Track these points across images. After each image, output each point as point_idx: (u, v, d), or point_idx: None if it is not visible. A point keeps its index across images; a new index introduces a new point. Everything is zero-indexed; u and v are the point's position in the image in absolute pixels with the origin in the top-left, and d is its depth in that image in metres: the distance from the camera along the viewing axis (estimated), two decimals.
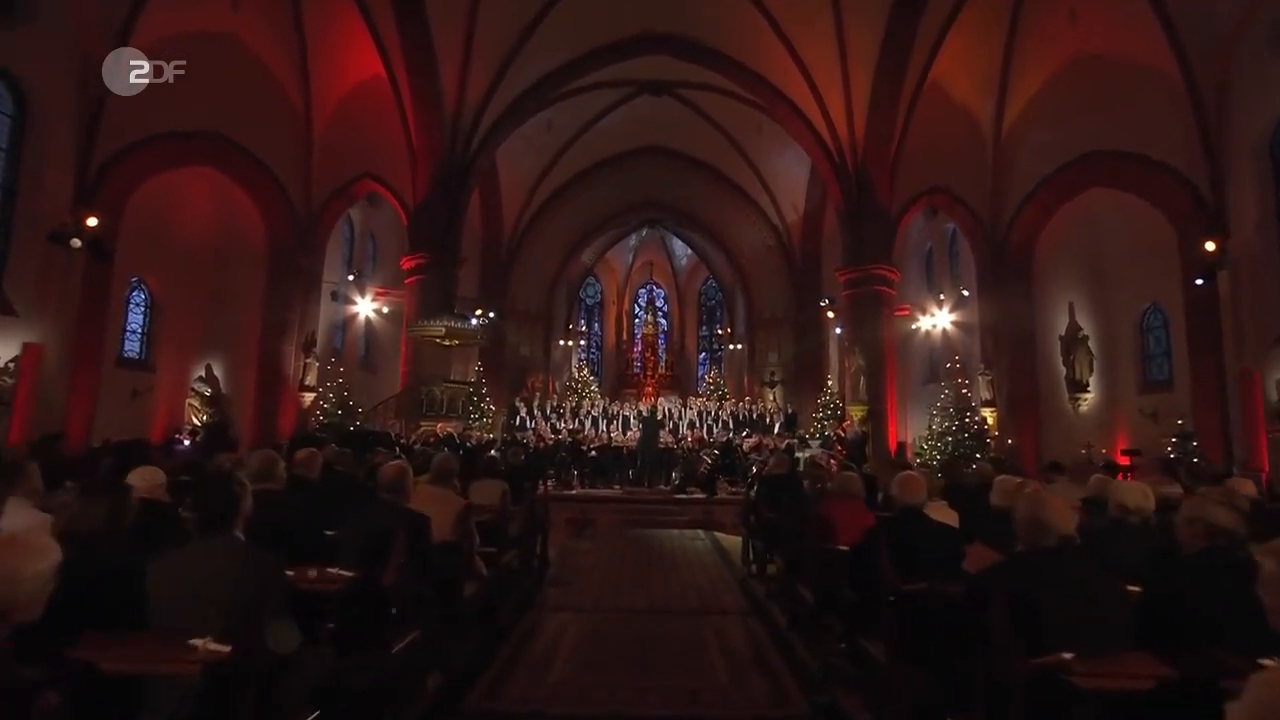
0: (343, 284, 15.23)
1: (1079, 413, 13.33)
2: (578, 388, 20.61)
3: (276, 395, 13.78)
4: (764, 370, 20.34)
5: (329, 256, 15.10)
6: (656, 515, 11.13)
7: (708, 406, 17.22)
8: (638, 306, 25.20)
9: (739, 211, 19.88)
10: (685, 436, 14.73)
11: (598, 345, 24.85)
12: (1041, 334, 13.98)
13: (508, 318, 19.30)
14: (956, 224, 15.38)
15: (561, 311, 22.53)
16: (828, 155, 14.88)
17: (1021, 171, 13.85)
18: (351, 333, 15.82)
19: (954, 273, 16.16)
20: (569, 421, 15.99)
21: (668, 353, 24.21)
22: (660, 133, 18.63)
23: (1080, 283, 13.46)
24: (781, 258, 19.72)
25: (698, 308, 25.07)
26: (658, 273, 25.14)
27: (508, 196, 18.67)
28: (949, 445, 12.73)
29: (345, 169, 14.44)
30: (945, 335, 15.65)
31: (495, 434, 14.70)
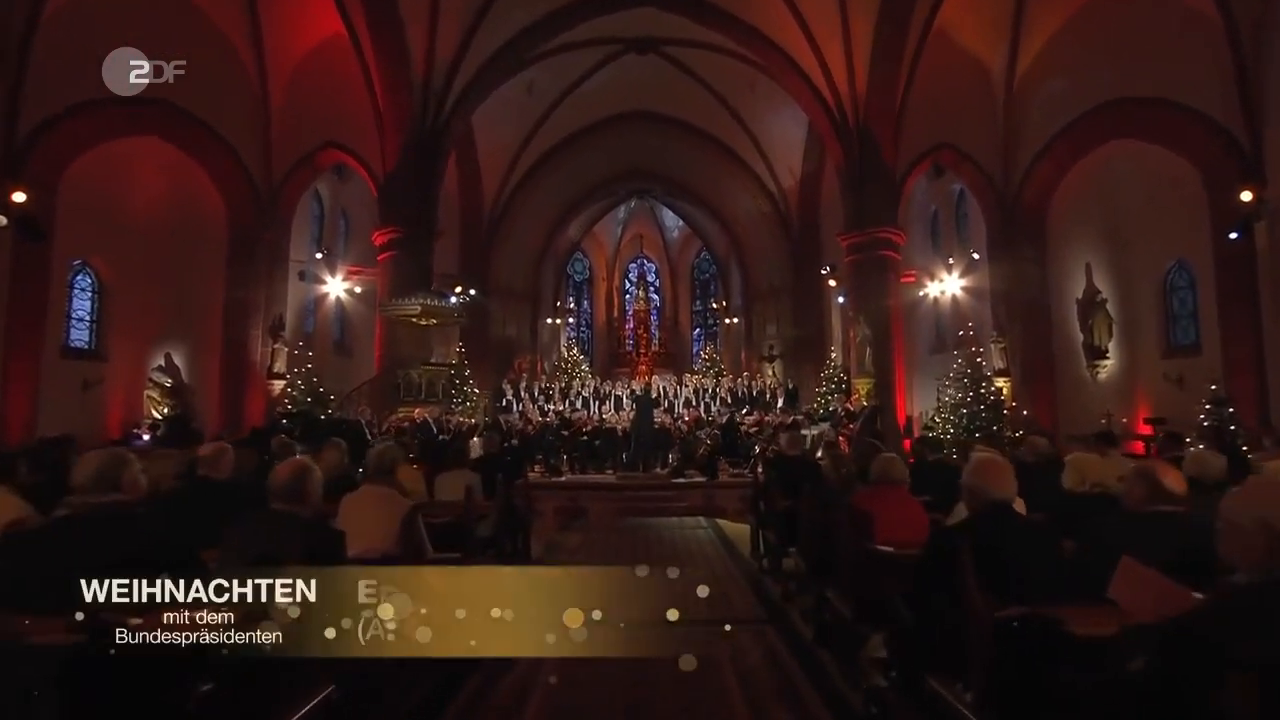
0: (311, 263, 14.37)
1: (1098, 380, 12.73)
2: (567, 368, 20.00)
3: (243, 384, 13.01)
4: (762, 344, 19.77)
5: (296, 234, 14.25)
6: (653, 502, 10.52)
7: (704, 384, 16.62)
8: (628, 282, 24.64)
9: (732, 178, 19.10)
10: (681, 416, 14.05)
11: (588, 323, 24.25)
12: (1057, 298, 13.36)
13: (491, 296, 18.52)
14: (964, 184, 14.67)
15: (549, 288, 21.80)
16: (827, 112, 14.05)
17: (1035, 125, 13.10)
18: (323, 315, 15.00)
19: (962, 236, 15.42)
20: (559, 403, 15.34)
21: (661, 329, 23.64)
22: (647, 95, 17.73)
23: (1098, 242, 12.78)
24: (778, 225, 18.99)
25: (691, 281, 24.54)
26: (648, 246, 24.49)
27: (487, 166, 17.81)
28: (963, 418, 12.09)
29: (307, 138, 13.53)
30: (955, 302, 15.00)
31: (479, 418, 13.97)
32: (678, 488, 11.11)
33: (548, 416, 13.96)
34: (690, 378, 17.37)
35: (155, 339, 12.31)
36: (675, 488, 11.13)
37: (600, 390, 15.97)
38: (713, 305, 23.45)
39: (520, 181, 18.53)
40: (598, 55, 16.18)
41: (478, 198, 18.02)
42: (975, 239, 14.72)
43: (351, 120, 13.66)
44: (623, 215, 23.36)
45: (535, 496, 10.12)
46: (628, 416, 12.74)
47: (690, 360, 22.78)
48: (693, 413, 13.05)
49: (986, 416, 11.91)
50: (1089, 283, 12.84)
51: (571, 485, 11.25)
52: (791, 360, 18.72)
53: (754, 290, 20.43)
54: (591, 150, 18.75)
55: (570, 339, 22.54)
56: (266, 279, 13.28)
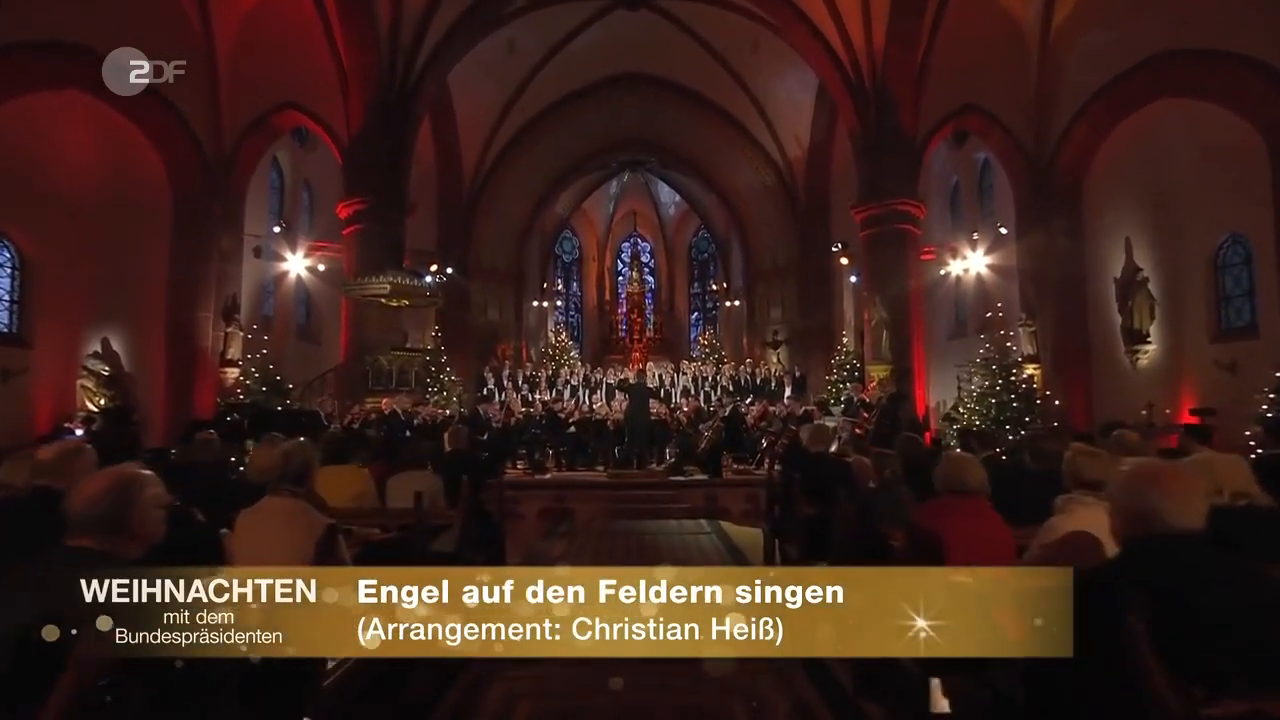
0: (269, 238, 13.48)
1: (1137, 367, 12.01)
2: (555, 354, 19.38)
3: (191, 372, 12.16)
4: (765, 329, 19.10)
5: (252, 206, 13.36)
6: (649, 503, 9.83)
7: (703, 371, 15.90)
8: (621, 262, 24.03)
9: (734, 148, 18.35)
10: (679, 406, 13.31)
11: (577, 307, 23.71)
12: (1093, 276, 12.60)
13: (472, 276, 17.86)
14: (991, 151, 13.91)
15: (535, 269, 21.06)
16: (840, 71, 13.26)
17: (1072, 84, 12.29)
18: (283, 296, 14.17)
19: (986, 210, 14.69)
20: (544, 392, 14.59)
21: (656, 313, 23.15)
22: (640, 56, 16.95)
23: (1140, 215, 12.01)
24: (784, 199, 18.29)
25: (688, 262, 23.93)
26: (642, 224, 23.88)
27: (466, 133, 17.02)
28: (990, 409, 11.39)
29: (261, 97, 12.61)
30: (980, 282, 14.29)
31: (456, 409, 13.23)
32: (676, 486, 10.44)
33: (532, 407, 13.19)
34: (688, 365, 16.69)
35: (90, 322, 11.42)
36: (673, 486, 10.45)
37: (590, 379, 15.26)
38: (712, 287, 22.95)
39: (502, 152, 17.81)
40: (585, 11, 15.43)
41: (456, 169, 17.30)
42: (1002, 213, 14.01)
43: (311, 78, 12.81)
44: (615, 190, 22.71)
45: (517, 498, 9.60)
46: (620, 407, 12.01)
47: (688, 346, 22.25)
48: (692, 403, 12.30)
49: (1018, 407, 11.21)
50: (1129, 259, 12.10)
51: (557, 484, 10.58)
52: (798, 346, 18.15)
53: (757, 271, 19.75)
54: (580, 117, 18.02)
55: (558, 323, 22.04)
56: (217, 255, 12.40)
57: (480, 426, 10.73)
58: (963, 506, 2.95)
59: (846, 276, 15.67)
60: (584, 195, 21.91)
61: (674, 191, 22.36)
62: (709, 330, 21.79)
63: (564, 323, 22.52)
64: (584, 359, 19.56)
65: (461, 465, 5.63)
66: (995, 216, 14.23)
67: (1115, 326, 12.21)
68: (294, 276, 14.15)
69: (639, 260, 23.63)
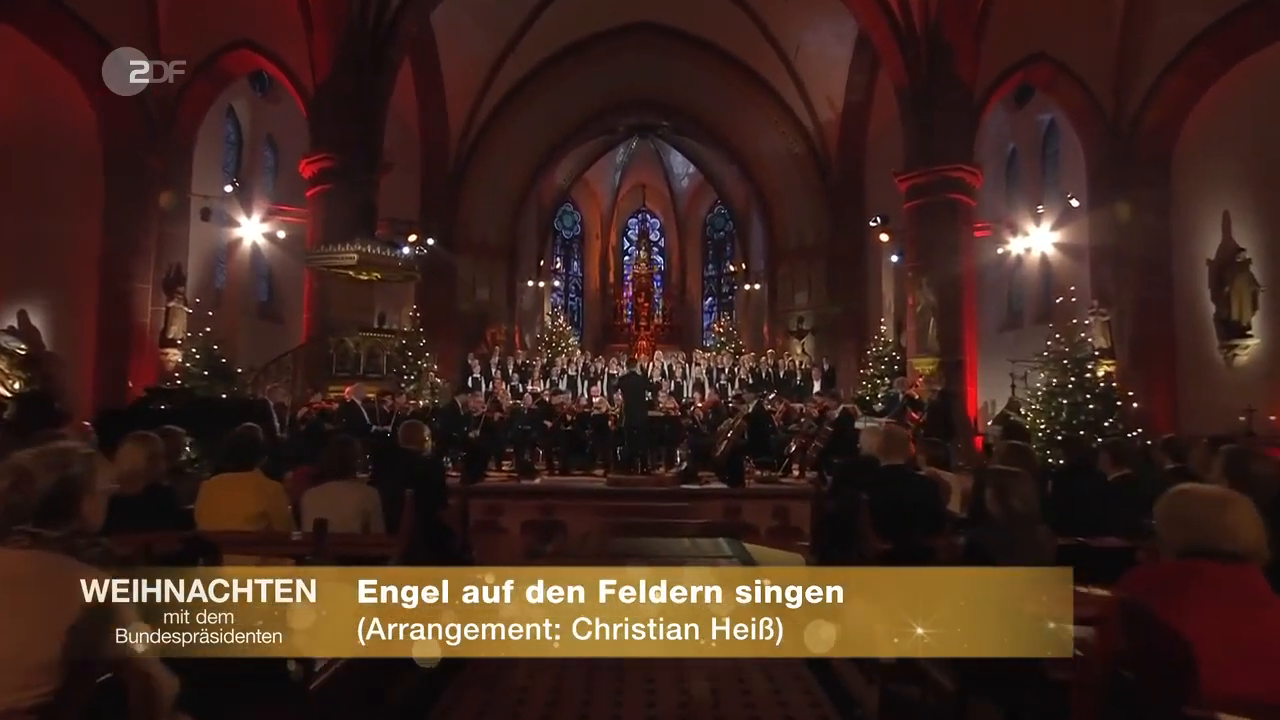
0: (222, 199, 12.36)
1: (1234, 365, 10.88)
2: (552, 341, 18.73)
3: (125, 352, 11.18)
4: (789, 317, 18.23)
5: (203, 163, 12.30)
6: (655, 516, 8.75)
7: (720, 362, 14.96)
8: (627, 240, 23.68)
9: (758, 110, 17.32)
10: (692, 402, 12.25)
11: (577, 289, 23.17)
12: (1181, 258, 11.47)
13: (460, 251, 16.90)
14: (1059, 111, 12.75)
15: (531, 245, 20.12)
16: (888, 14, 12.15)
17: (1165, 28, 11.08)
18: (238, 268, 13.09)
19: (1049, 181, 13.56)
20: (538, 383, 13.60)
21: (665, 297, 22.82)
22: (652, 3, 15.90)
23: (1242, 185, 10.84)
24: (813, 170, 17.31)
25: (702, 240, 23.47)
26: (652, 198, 23.36)
27: (454, 88, 15.95)
28: (1060, 411, 10.25)
29: (210, 34, 11.52)
30: (1043, 263, 13.13)
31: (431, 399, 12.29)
32: (689, 497, 9.31)
33: (523, 399, 12.14)
34: (702, 355, 15.77)
35: (3, 292, 10.35)
36: (686, 496, 9.32)
37: (590, 369, 14.33)
38: (729, 269, 22.27)
39: (495, 110, 16.81)
40: None
41: (441, 127, 16.30)
42: (1068, 184, 12.86)
43: (270, 13, 11.70)
44: (622, 159, 22.01)
45: (501, 507, 8.54)
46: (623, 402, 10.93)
47: (700, 335, 21.90)
48: (711, 396, 11.21)
49: (1095, 409, 10.07)
50: (1226, 237, 10.94)
51: (547, 490, 9.48)
52: (826, 336, 17.30)
53: (780, 251, 18.75)
54: (583, 73, 16.99)
55: (556, 307, 21.46)
56: (158, 218, 11.33)
57: (458, 422, 9.63)
58: (1223, 582, 1.77)
59: (886, 256, 14.59)
60: (587, 164, 21.06)
61: (688, 161, 21.64)
62: (725, 317, 21.19)
63: (562, 306, 21.90)
64: (584, 346, 18.99)
65: (410, 473, 4.52)
66: (1060, 188, 13.12)
67: (1208, 316, 11.12)
68: (250, 245, 13.06)
69: (647, 238, 23.12)
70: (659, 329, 21.53)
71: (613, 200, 22.91)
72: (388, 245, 12.09)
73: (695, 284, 23.31)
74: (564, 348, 17.98)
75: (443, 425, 9.57)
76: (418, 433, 5.08)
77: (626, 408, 10.17)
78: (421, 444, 5.07)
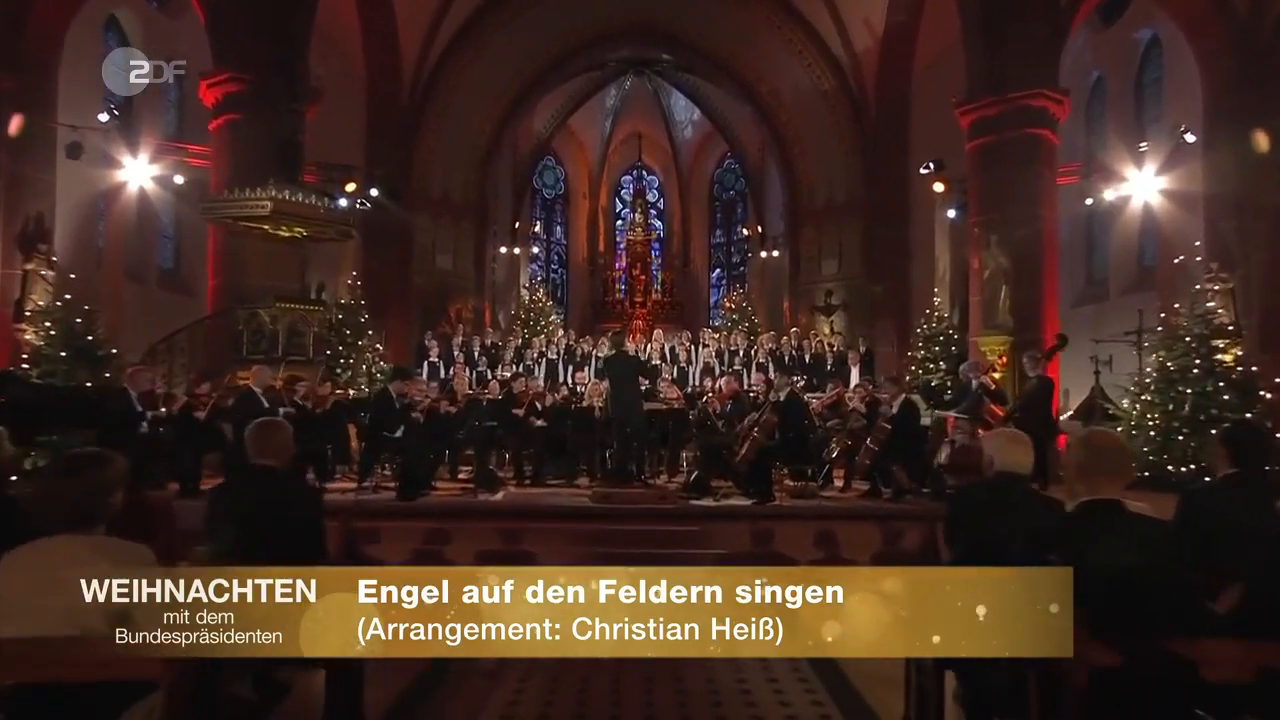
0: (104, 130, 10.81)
1: None
2: (530, 319, 17.76)
3: None
4: (815, 290, 17.30)
5: (73, 85, 10.73)
6: (656, 545, 7.22)
7: (733, 343, 13.98)
8: (620, 202, 23.46)
9: (779, 38, 16.53)
10: (702, 390, 11.09)
11: (561, 258, 22.95)
12: None
13: (416, 208, 15.83)
14: (1169, 20, 11.35)
15: (504, 205, 19.49)
16: None
17: None
18: (122, 220, 11.57)
19: (1147, 115, 12.44)
20: (509, 368, 12.58)
21: (665, 269, 22.34)
22: None
23: None
24: (846, 110, 16.48)
25: (709, 201, 23.11)
26: (649, 150, 22.91)
27: (407, 7, 14.88)
28: (1183, 401, 8.84)
29: None
30: (1146, 215, 11.77)
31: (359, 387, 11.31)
32: (702, 516, 7.78)
33: (486, 386, 10.85)
34: (711, 334, 14.72)
35: None
36: (698, 516, 7.78)
37: (576, 351, 13.48)
38: (740, 234, 21.83)
39: (458, 35, 15.95)
40: None
41: (392, 55, 15.35)
42: (1177, 118, 11.49)
43: None
44: (613, 102, 21.45)
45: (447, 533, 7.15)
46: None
47: (707, 314, 21.82)
48: (731, 384, 9.78)
49: (1230, 401, 8.66)
50: None
51: (511, 510, 7.97)
52: (861, 312, 16.48)
53: (804, 210, 17.77)
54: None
55: (535, 279, 21.00)
56: (7, 151, 9.75)
57: (392, 416, 8.06)
58: None
59: (939, 210, 13.21)
60: (572, 107, 20.43)
61: (692, 104, 21.11)
62: (736, 291, 20.56)
63: (543, 279, 21.53)
64: (566, 324, 18.41)
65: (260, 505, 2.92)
66: (1163, 124, 11.97)
67: None
68: (137, 192, 11.56)
69: (644, 198, 22.67)
70: (657, 306, 21.20)
71: (603, 153, 22.34)
72: (316, 194, 10.59)
73: (700, 253, 23.02)
74: (544, 327, 17.11)
75: (372, 422, 8.06)
76: (273, 438, 3.44)
77: (615, 398, 8.69)
78: (279, 455, 3.44)
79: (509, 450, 9.53)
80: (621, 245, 22.54)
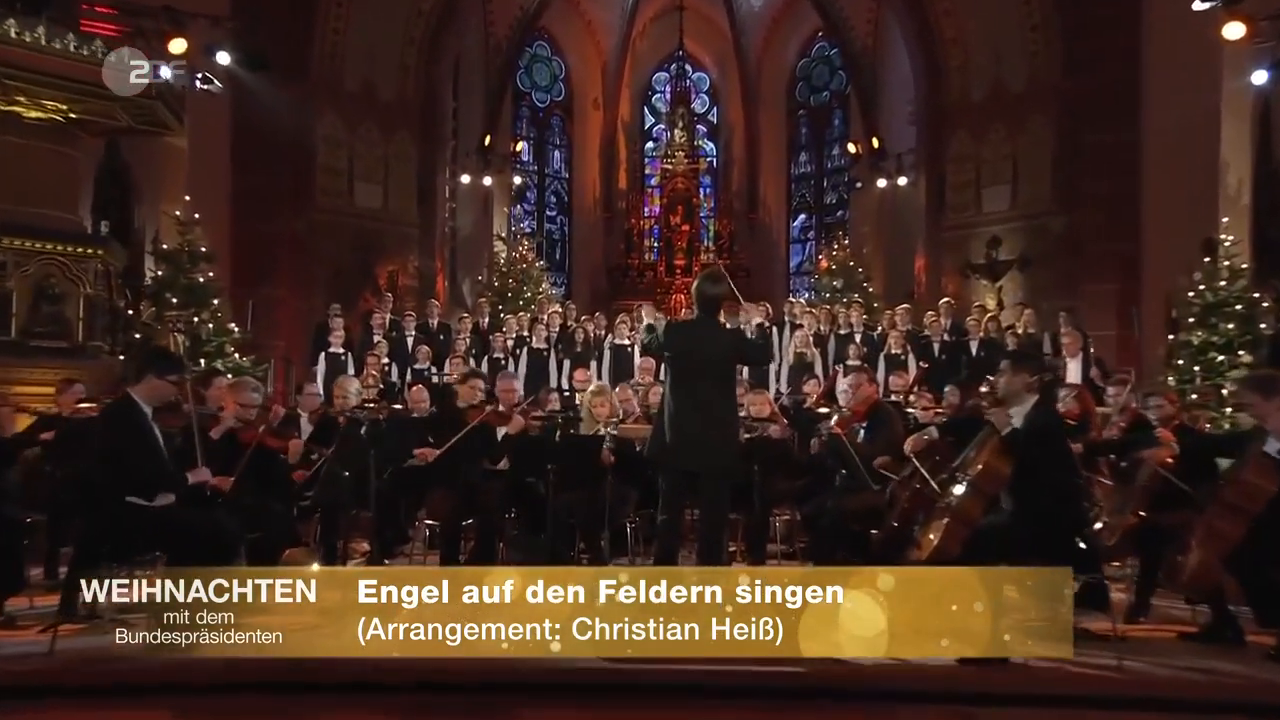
0: None
1: None
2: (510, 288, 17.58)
3: None
4: (970, 238, 16.28)
5: None
6: None
7: (847, 323, 13.13)
8: (651, 113, 23.25)
9: None
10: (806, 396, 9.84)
11: (560, 198, 22.66)
12: None
13: (321, 107, 15.19)
14: None
15: (471, 111, 19.26)
16: None
17: None
18: None
19: None
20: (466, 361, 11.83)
21: (721, 216, 21.90)
22: None
23: None
24: None
25: (788, 110, 22.50)
26: (697, 31, 21.97)
27: None
28: None
29: None
30: None
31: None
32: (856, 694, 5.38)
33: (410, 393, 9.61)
34: (806, 308, 13.79)
35: None
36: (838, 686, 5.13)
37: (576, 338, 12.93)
38: (835, 155, 21.66)
39: None
40: None
41: None
42: None
43: None
44: None
45: None
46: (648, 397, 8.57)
47: (786, 281, 21.81)
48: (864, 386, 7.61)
49: None
50: None
51: (402, 683, 5.33)
52: (1052, 272, 15.16)
53: (948, 110, 16.66)
54: None
55: (519, 229, 20.59)
56: None
57: (137, 462, 5.24)
58: None
59: (1229, 81, 11.77)
60: None
61: None
62: (835, 246, 19.13)
63: (532, 229, 21.28)
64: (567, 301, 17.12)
65: None
66: None
67: None
68: None
69: (687, 107, 22.02)
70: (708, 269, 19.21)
71: (624, 35, 21.51)
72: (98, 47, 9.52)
73: (775, 190, 22.44)
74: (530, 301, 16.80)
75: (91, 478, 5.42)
76: None
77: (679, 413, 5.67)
78: None
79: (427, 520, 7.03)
80: (653, 180, 22.03)
